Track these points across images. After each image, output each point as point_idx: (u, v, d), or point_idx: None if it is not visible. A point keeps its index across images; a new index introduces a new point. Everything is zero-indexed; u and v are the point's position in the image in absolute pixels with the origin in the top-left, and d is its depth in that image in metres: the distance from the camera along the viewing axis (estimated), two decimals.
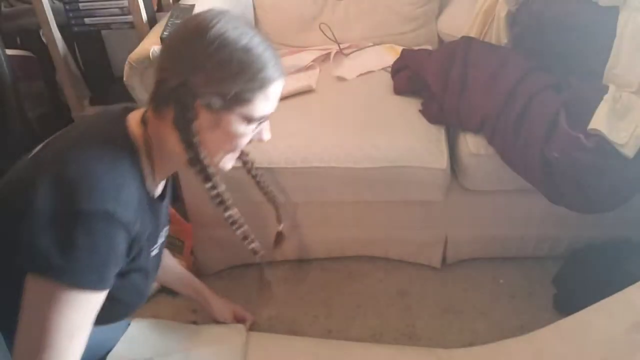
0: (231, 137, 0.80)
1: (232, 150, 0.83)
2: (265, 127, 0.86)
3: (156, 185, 0.87)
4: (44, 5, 1.38)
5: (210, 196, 0.85)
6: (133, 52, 1.26)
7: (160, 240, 0.95)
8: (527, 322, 1.38)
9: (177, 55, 0.77)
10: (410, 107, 1.48)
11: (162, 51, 0.81)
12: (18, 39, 1.68)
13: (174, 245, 1.53)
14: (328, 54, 1.76)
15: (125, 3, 1.41)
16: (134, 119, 0.82)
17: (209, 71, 0.74)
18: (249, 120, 0.79)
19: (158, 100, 0.78)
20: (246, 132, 0.80)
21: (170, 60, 0.77)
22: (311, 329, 1.42)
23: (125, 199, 0.73)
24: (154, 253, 0.91)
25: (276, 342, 1.34)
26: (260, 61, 0.76)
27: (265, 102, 0.79)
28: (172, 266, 1.26)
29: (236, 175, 1.38)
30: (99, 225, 0.69)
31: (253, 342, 1.27)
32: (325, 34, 1.80)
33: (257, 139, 0.86)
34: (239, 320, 1.33)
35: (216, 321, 1.31)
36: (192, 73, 0.74)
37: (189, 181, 1.46)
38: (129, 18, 1.42)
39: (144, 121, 0.81)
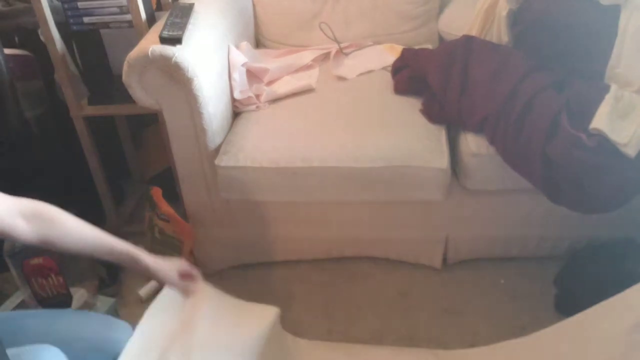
0: None
1: None
2: None
3: None
4: (43, 4, 1.37)
5: None
6: (132, 52, 1.26)
7: None
8: (528, 323, 1.38)
9: None
10: (410, 106, 1.47)
11: None
12: (16, 38, 1.67)
13: (173, 245, 1.52)
14: (328, 53, 1.75)
15: (124, 2, 1.40)
16: None
17: None
18: None
19: None
20: None
21: None
22: (311, 330, 1.41)
23: None
24: None
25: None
26: None
27: None
28: (77, 228, 0.94)
29: (237, 175, 1.38)
30: None
31: None
32: (325, 33, 1.79)
33: None
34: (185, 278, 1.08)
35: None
36: None
37: (189, 181, 1.45)
38: (128, 17, 1.42)
39: None
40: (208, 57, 1.38)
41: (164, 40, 1.26)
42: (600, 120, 1.16)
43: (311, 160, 1.34)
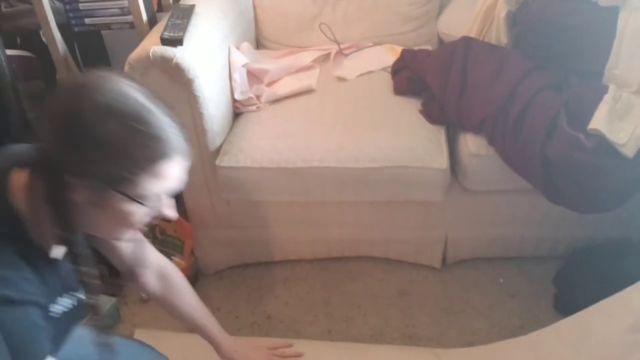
0: (119, 217, 0.70)
1: (129, 227, 0.73)
2: (167, 204, 0.75)
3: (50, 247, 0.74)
4: (44, 6, 1.38)
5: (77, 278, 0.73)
6: (133, 53, 1.26)
7: (66, 301, 0.79)
8: (527, 322, 1.38)
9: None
10: (410, 107, 1.47)
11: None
12: (18, 39, 1.68)
13: (174, 245, 1.53)
14: (328, 54, 1.76)
15: (126, 3, 1.41)
16: (18, 182, 0.69)
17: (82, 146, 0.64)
18: (136, 199, 0.68)
19: (33, 167, 0.68)
20: (137, 211, 0.70)
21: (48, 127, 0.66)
22: (311, 329, 1.42)
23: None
24: (55, 313, 0.76)
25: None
26: (142, 137, 0.68)
27: (155, 181, 0.69)
28: (190, 300, 1.07)
29: (237, 175, 1.38)
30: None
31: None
32: (325, 34, 1.80)
33: (157, 215, 0.75)
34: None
35: None
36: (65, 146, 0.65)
37: (189, 182, 1.45)
38: (129, 18, 1.42)
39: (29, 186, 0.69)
40: (209, 58, 1.39)
41: (165, 42, 1.26)
42: (599, 121, 1.17)
43: (311, 160, 1.35)
